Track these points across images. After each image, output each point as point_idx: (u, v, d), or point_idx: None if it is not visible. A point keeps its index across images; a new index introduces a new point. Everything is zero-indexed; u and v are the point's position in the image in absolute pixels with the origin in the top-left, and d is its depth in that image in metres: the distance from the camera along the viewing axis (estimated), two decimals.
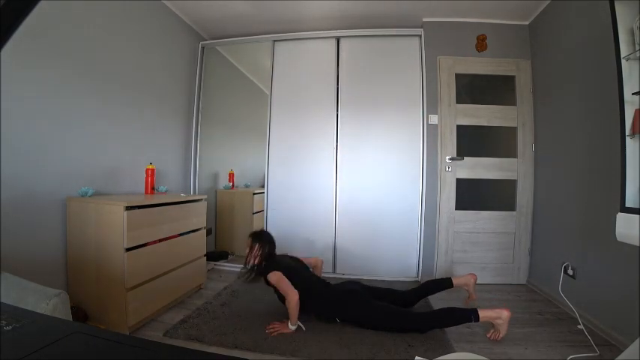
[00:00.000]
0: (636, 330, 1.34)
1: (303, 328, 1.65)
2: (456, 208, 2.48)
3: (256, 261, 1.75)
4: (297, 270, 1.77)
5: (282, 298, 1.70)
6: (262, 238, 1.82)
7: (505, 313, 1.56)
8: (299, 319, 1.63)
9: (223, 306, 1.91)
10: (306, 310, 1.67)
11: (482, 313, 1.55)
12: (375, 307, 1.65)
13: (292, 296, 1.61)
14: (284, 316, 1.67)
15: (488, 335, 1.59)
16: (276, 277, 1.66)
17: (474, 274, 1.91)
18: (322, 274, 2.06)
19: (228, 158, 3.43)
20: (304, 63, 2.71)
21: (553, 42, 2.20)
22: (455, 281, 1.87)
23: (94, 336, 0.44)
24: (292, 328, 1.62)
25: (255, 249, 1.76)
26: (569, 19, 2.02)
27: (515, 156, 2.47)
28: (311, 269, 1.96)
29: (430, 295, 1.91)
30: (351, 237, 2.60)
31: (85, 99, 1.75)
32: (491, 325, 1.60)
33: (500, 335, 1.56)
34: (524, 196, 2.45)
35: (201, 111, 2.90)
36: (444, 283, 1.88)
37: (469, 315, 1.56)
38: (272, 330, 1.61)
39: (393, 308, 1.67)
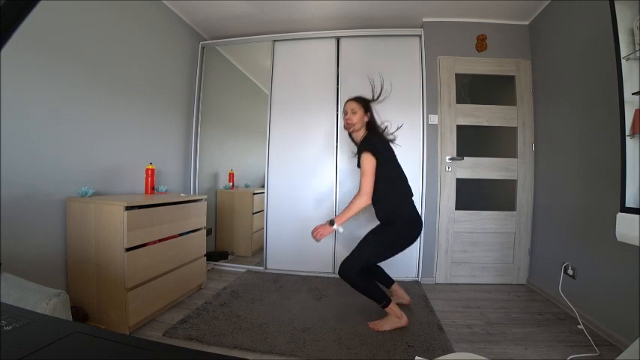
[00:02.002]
0: (636, 330, 1.34)
1: (340, 231, 1.63)
2: (456, 208, 2.49)
3: (359, 128, 1.66)
4: (389, 166, 1.67)
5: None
6: (367, 102, 1.71)
7: (404, 320, 1.65)
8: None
9: (223, 306, 1.91)
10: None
11: (392, 307, 1.65)
12: (376, 241, 1.67)
13: (364, 198, 1.55)
14: (283, 316, 1.67)
15: (369, 324, 1.66)
16: (366, 159, 1.55)
17: (409, 299, 1.98)
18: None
19: (228, 158, 3.43)
20: (304, 63, 2.70)
21: (553, 42, 2.20)
22: (394, 288, 1.96)
23: (94, 336, 0.44)
24: (336, 227, 1.58)
25: (359, 114, 1.66)
26: (569, 19, 2.02)
27: (515, 156, 2.47)
28: None
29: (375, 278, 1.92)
30: (350, 237, 2.60)
31: (84, 99, 1.75)
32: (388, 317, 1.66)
33: (380, 329, 1.62)
34: (524, 196, 2.45)
35: (201, 111, 2.90)
36: (387, 281, 1.95)
37: (383, 299, 1.64)
38: (317, 234, 1.60)
39: (373, 256, 1.68)
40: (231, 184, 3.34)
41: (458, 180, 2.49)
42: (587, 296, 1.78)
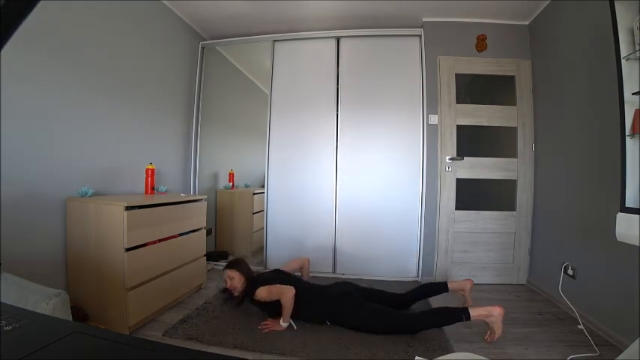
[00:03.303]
0: (636, 330, 1.34)
1: (294, 327, 1.66)
2: (456, 208, 2.49)
3: (242, 287, 1.80)
4: (281, 280, 1.78)
5: (272, 312, 1.71)
6: (240, 264, 1.87)
7: (497, 310, 1.52)
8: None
9: (223, 306, 1.91)
10: (293, 315, 1.66)
11: (474, 312, 1.52)
12: (368, 309, 1.64)
13: (287, 292, 1.63)
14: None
15: (485, 338, 1.57)
16: (264, 290, 1.68)
17: (471, 280, 1.89)
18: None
19: (228, 158, 3.43)
20: (304, 63, 2.71)
21: (553, 42, 2.20)
22: (450, 286, 1.85)
23: (94, 336, 0.44)
24: (284, 325, 1.63)
25: (237, 277, 1.80)
26: (569, 19, 2.02)
27: (515, 156, 2.47)
28: (298, 273, 2.00)
29: (424, 298, 1.89)
30: (351, 237, 2.60)
31: (84, 99, 1.75)
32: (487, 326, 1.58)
33: (496, 335, 1.53)
34: (524, 196, 2.45)
35: (201, 111, 2.90)
36: (440, 288, 1.86)
37: (460, 314, 1.53)
38: (264, 327, 1.64)
39: (385, 309, 1.64)
40: (231, 184, 3.33)
41: (458, 180, 2.49)
42: (587, 296, 1.78)
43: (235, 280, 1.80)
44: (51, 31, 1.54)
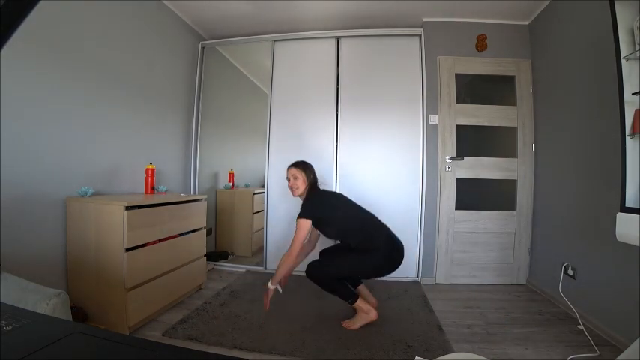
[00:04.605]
0: (636, 330, 1.34)
1: (280, 290, 1.71)
2: (456, 208, 2.48)
3: (299, 192, 1.78)
4: (346, 208, 1.77)
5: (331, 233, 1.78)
6: (308, 168, 1.82)
7: (373, 314, 1.66)
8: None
9: (222, 306, 1.91)
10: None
11: (360, 303, 1.66)
12: (343, 250, 1.76)
13: (292, 253, 1.63)
14: (283, 316, 1.67)
15: (342, 323, 1.67)
16: (300, 227, 1.65)
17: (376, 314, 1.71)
18: None
19: (228, 158, 3.43)
20: (304, 63, 2.70)
21: (553, 42, 2.20)
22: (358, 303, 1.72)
23: (94, 336, 0.44)
24: (271, 286, 1.64)
25: (301, 180, 1.77)
26: (569, 19, 2.02)
27: (515, 156, 2.47)
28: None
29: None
30: None
31: (84, 99, 1.75)
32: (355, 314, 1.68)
33: (352, 327, 1.64)
34: (524, 196, 2.45)
35: (201, 111, 2.90)
36: (352, 282, 1.87)
37: (350, 296, 1.67)
38: (265, 304, 1.67)
39: (349, 273, 1.74)
40: (231, 184, 3.34)
41: (458, 180, 2.49)
42: (587, 296, 1.78)
43: (299, 182, 1.77)
44: (50, 31, 1.54)
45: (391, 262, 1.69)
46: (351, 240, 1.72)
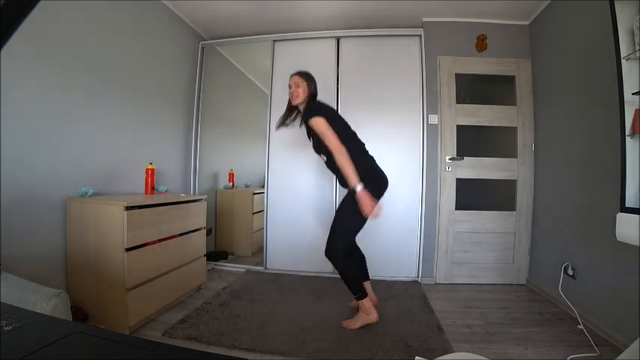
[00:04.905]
0: (636, 330, 1.34)
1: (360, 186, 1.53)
2: (456, 208, 2.48)
3: (299, 100, 1.69)
4: (345, 126, 1.68)
5: (320, 149, 1.63)
6: (311, 78, 1.76)
7: (374, 316, 1.64)
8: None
9: (223, 306, 1.91)
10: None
11: (365, 302, 1.64)
12: (352, 213, 1.60)
13: (340, 148, 1.50)
14: (284, 318, 1.67)
15: (343, 323, 1.66)
16: (319, 123, 1.53)
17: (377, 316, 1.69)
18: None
19: (228, 158, 3.43)
20: (304, 63, 2.68)
21: (553, 42, 2.20)
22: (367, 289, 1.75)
23: (94, 336, 0.44)
24: (359, 186, 1.49)
25: (303, 88, 1.69)
26: (569, 19, 2.02)
27: (515, 156, 2.47)
28: None
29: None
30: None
31: (84, 99, 1.75)
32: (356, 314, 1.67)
33: (352, 327, 1.62)
34: (524, 196, 2.45)
35: (201, 111, 2.90)
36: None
37: (359, 291, 1.64)
38: (369, 211, 1.52)
39: (351, 239, 1.72)
40: (231, 184, 3.34)
41: (458, 180, 2.49)
42: (587, 296, 1.78)
43: (300, 89, 1.70)
44: (49, 31, 1.54)
45: (378, 195, 1.63)
46: (353, 156, 1.58)
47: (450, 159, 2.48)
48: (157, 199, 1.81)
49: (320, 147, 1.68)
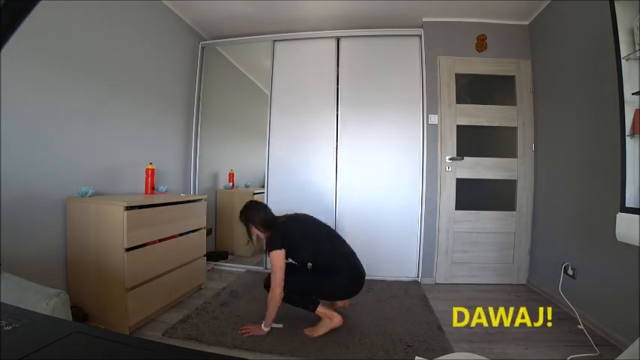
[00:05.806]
0: (636, 330, 1.34)
1: (280, 326, 1.63)
2: (456, 208, 2.48)
3: (260, 238, 1.69)
4: (308, 240, 1.66)
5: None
6: (248, 214, 1.70)
7: (337, 320, 1.61)
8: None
9: (222, 306, 1.91)
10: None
11: (321, 309, 1.62)
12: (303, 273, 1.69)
13: (276, 291, 1.52)
14: (283, 316, 1.67)
15: (305, 331, 1.60)
16: (275, 258, 1.55)
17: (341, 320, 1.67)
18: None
19: (228, 158, 3.43)
20: (304, 63, 2.70)
21: (553, 42, 2.20)
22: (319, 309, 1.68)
23: (94, 336, 0.44)
24: (265, 330, 1.56)
25: (256, 234, 1.69)
26: (569, 19, 2.02)
27: (515, 156, 2.47)
28: None
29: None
30: (350, 236, 2.58)
31: (85, 99, 1.75)
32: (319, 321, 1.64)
33: (316, 334, 1.58)
34: (524, 196, 2.45)
35: (202, 111, 2.90)
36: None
37: (311, 304, 1.63)
38: (244, 331, 1.57)
39: (304, 278, 1.67)
40: (231, 184, 3.33)
41: (458, 180, 2.48)
42: (587, 296, 1.78)
43: (259, 234, 1.70)
44: (50, 31, 1.54)
45: (351, 288, 1.66)
46: (319, 263, 1.67)
47: (450, 159, 2.47)
48: (157, 199, 1.81)
49: (302, 257, 1.71)
